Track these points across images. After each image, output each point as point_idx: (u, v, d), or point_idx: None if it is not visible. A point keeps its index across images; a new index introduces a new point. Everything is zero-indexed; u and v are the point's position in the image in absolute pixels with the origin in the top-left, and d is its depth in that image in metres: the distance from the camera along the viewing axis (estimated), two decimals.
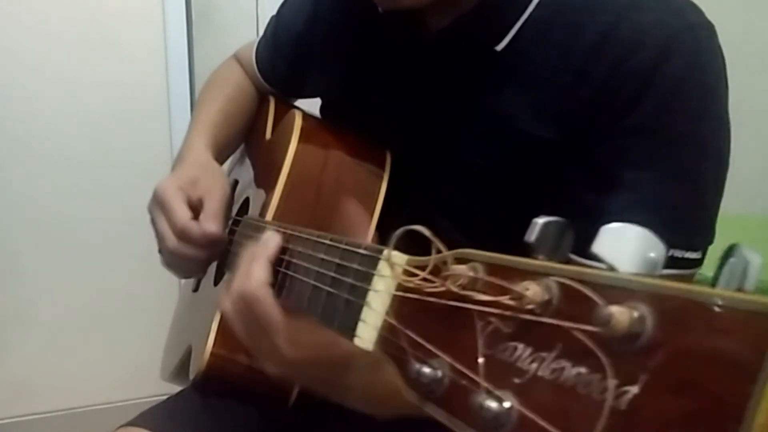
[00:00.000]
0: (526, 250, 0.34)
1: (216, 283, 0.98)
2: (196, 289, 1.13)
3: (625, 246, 0.30)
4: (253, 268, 0.62)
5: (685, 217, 0.69)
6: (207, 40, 2.14)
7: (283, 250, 0.65)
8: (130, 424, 0.86)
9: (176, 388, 0.97)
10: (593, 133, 0.69)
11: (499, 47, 0.75)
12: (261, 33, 1.15)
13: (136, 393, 2.13)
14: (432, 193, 0.84)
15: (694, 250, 0.68)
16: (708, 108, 0.68)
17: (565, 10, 0.72)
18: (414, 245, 0.49)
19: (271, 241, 0.65)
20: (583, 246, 0.74)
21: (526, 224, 0.77)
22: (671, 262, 0.67)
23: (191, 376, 0.87)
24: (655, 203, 0.68)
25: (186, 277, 1.09)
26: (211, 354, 0.82)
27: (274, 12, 1.11)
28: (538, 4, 0.73)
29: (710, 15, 0.70)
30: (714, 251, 0.72)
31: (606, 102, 0.68)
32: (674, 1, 0.70)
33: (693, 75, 0.67)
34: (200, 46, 2.13)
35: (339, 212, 0.84)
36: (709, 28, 0.69)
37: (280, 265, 0.64)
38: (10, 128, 1.98)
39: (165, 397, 0.93)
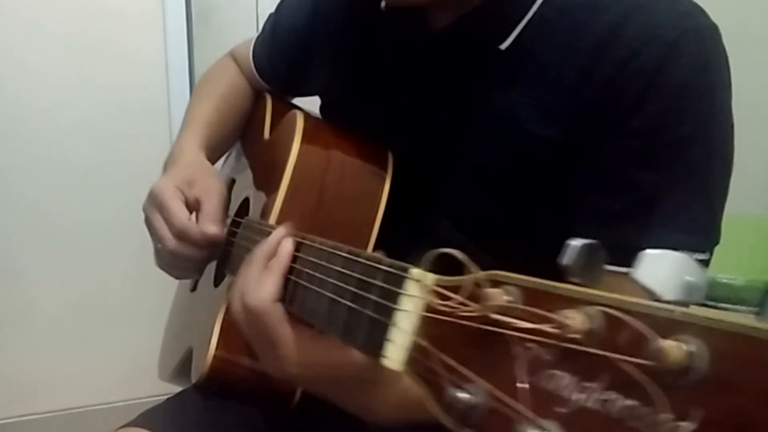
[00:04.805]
0: (559, 272, 0.33)
1: (216, 284, 0.97)
2: (193, 289, 1.12)
3: (663, 271, 0.30)
4: (265, 281, 0.62)
5: (694, 219, 0.69)
6: (207, 40, 2.13)
7: (294, 258, 0.64)
8: (131, 424, 0.86)
9: (176, 388, 0.97)
10: (598, 133, 0.69)
11: (503, 46, 0.74)
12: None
13: (136, 393, 2.12)
14: (433, 193, 0.84)
15: (702, 251, 0.68)
16: (713, 109, 0.68)
17: (570, 10, 0.72)
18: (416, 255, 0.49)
19: (284, 250, 0.65)
20: None
21: (528, 225, 0.77)
22: None
23: (194, 379, 0.87)
24: (664, 205, 0.68)
25: (182, 278, 1.09)
26: (214, 357, 0.82)
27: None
28: (542, 3, 0.73)
29: (712, 16, 0.70)
30: (718, 252, 0.73)
31: (610, 103, 0.68)
32: (679, 3, 0.70)
33: (698, 76, 0.67)
34: (200, 46, 2.12)
35: (342, 214, 0.83)
36: (713, 30, 0.69)
37: (290, 273, 0.64)
38: (10, 128, 1.97)
39: (165, 398, 0.93)
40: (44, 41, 1.94)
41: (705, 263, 0.69)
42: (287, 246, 0.65)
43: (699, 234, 0.68)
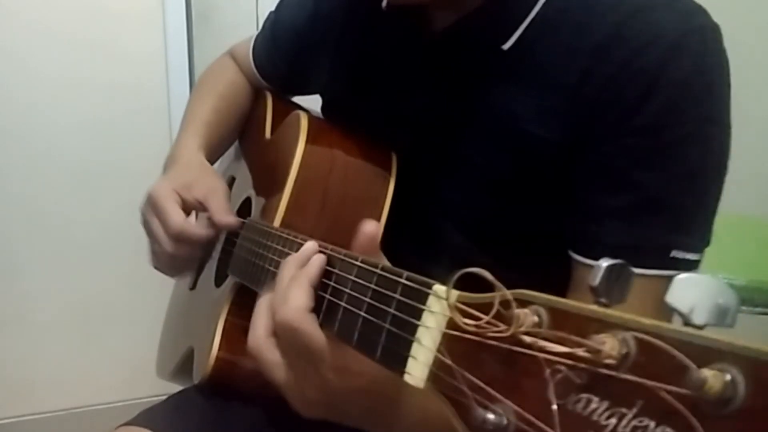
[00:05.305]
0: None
1: (218, 285, 0.97)
2: (193, 288, 1.12)
3: (694, 295, 0.30)
4: (293, 292, 0.57)
5: (688, 218, 0.69)
6: (207, 40, 2.13)
7: (326, 273, 0.60)
8: (131, 423, 0.86)
9: (176, 388, 0.97)
10: (599, 133, 0.69)
11: (506, 46, 0.74)
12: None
13: (135, 393, 2.12)
14: (433, 193, 0.84)
15: (695, 251, 0.69)
16: (713, 109, 0.69)
17: (572, 10, 0.72)
18: (421, 261, 0.48)
19: (315, 262, 0.60)
20: (590, 246, 0.73)
21: (528, 225, 0.77)
22: (671, 263, 0.68)
23: (196, 380, 0.87)
24: (660, 203, 0.68)
25: (176, 276, 1.09)
26: (217, 358, 0.83)
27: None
28: (544, 4, 0.73)
29: (712, 16, 0.70)
30: (718, 252, 0.73)
31: (612, 102, 0.68)
32: (681, 3, 0.70)
33: (700, 76, 0.67)
34: (200, 46, 2.12)
35: (346, 216, 0.83)
36: (715, 30, 0.69)
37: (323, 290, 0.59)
38: (10, 128, 1.97)
39: (164, 397, 0.93)
40: (44, 41, 1.94)
41: (696, 264, 0.69)
42: (319, 259, 0.60)
43: (694, 234, 0.69)
